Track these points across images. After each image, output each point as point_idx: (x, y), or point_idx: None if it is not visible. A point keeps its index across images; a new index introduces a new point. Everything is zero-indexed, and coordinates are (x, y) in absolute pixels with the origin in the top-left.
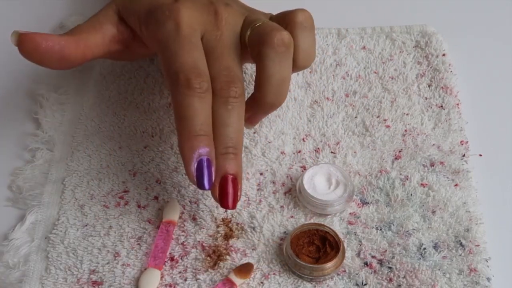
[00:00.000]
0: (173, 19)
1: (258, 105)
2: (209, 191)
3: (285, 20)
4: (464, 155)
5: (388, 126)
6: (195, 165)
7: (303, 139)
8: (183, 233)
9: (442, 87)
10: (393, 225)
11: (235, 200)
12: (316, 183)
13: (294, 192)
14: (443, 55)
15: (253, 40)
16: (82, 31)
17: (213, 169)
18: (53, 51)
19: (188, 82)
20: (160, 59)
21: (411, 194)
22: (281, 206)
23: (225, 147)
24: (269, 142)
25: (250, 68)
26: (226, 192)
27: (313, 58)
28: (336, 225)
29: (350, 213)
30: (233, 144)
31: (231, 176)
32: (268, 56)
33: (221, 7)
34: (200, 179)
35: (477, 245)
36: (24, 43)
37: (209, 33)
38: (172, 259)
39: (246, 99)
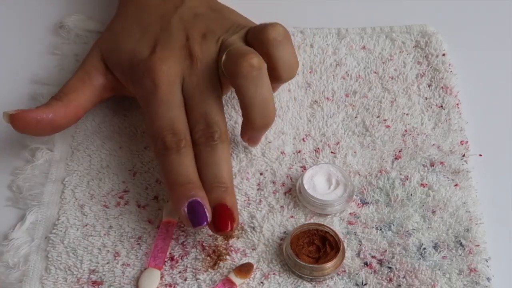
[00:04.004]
0: (150, 77)
1: (251, 129)
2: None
3: (258, 39)
4: (464, 155)
5: (388, 126)
6: (186, 208)
7: (303, 139)
8: (183, 233)
9: (442, 87)
10: (393, 225)
11: (234, 220)
12: (316, 183)
13: (294, 192)
14: (443, 55)
15: (226, 69)
16: (71, 90)
17: (206, 208)
18: (45, 123)
19: (165, 144)
20: (143, 116)
21: (411, 194)
22: (281, 206)
23: (213, 182)
24: (269, 142)
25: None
26: (223, 214)
27: (297, 67)
28: (336, 225)
29: (350, 213)
30: (220, 179)
31: (226, 205)
32: (243, 85)
33: (196, 47)
34: (194, 218)
35: (477, 245)
36: (16, 122)
37: (187, 80)
38: (172, 259)
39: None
